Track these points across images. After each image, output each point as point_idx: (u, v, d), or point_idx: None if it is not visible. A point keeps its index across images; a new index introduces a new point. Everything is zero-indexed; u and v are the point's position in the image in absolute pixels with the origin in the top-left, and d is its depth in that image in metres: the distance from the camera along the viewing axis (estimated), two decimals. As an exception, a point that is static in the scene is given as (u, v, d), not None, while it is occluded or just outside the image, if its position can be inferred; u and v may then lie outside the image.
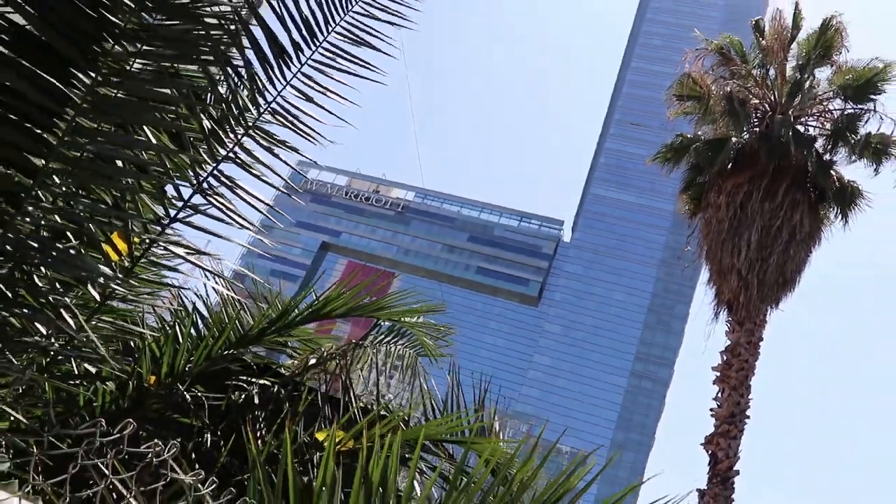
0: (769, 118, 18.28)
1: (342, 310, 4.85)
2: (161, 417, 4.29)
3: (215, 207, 3.67)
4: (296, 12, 3.80)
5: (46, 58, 2.77)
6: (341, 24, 3.98)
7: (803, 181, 18.27)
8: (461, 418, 4.65)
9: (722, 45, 19.21)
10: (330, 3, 3.92)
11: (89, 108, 2.86)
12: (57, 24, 2.75)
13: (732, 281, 18.20)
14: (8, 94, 2.74)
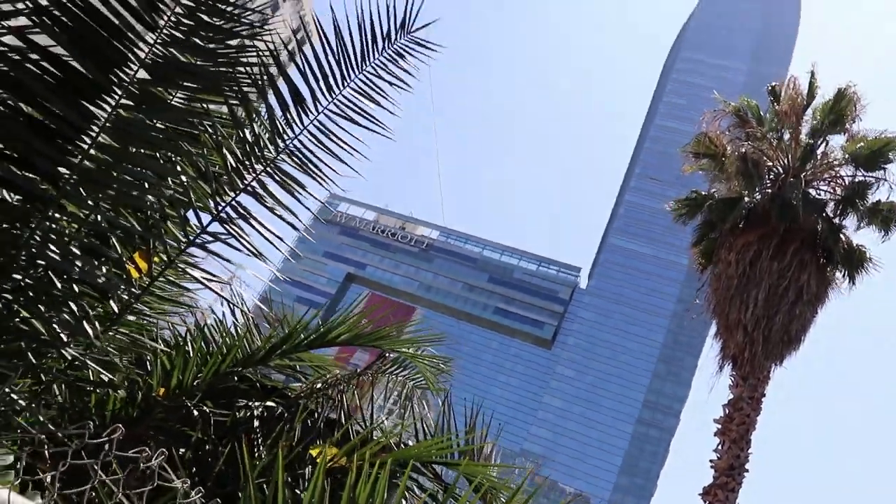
0: (782, 180, 18.27)
1: (346, 337, 4.90)
2: (167, 427, 4.33)
3: (232, 236, 3.77)
4: (317, 68, 3.96)
5: (75, 78, 2.89)
6: (366, 72, 4.15)
7: (812, 243, 18.17)
8: (449, 440, 4.65)
9: (739, 108, 19.30)
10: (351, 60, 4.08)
11: (111, 128, 2.98)
12: (83, 47, 2.88)
13: (738, 336, 18.07)
14: (38, 106, 2.86)
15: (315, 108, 4.06)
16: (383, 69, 4.17)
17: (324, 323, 5.00)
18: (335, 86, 4.06)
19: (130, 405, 4.11)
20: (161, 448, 3.96)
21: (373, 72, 4.16)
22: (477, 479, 3.89)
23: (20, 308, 3.38)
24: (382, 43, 4.04)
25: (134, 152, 3.31)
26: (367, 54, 4.07)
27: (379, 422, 4.93)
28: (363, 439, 4.13)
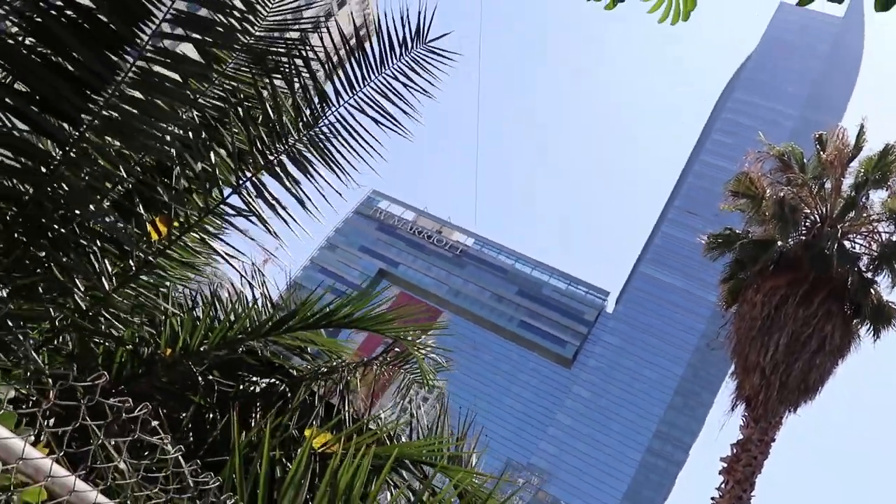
0: (817, 229, 17.92)
1: (351, 318, 4.87)
2: (169, 389, 4.35)
3: (251, 212, 3.79)
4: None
5: (102, 30, 2.92)
6: (385, 74, 4.24)
7: (841, 295, 17.78)
8: (438, 444, 4.61)
9: (783, 152, 18.98)
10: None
11: (133, 80, 3.01)
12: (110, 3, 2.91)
13: (755, 378, 17.77)
14: (67, 56, 2.89)
15: (337, 101, 4.11)
16: (401, 73, 4.27)
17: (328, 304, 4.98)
18: (355, 83, 4.12)
19: (136, 361, 4.13)
20: (161, 408, 3.98)
21: (391, 74, 4.25)
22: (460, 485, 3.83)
23: (44, 251, 3.42)
24: (400, 50, 4.15)
25: (155, 104, 3.34)
26: (386, 59, 4.17)
27: (376, 414, 4.90)
28: (358, 428, 4.11)
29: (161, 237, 3.79)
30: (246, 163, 3.89)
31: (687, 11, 5.41)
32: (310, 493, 3.21)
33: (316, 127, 4.10)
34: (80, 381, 2.13)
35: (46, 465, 2.15)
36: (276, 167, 3.96)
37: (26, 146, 3.08)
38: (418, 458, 4.30)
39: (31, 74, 2.90)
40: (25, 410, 2.29)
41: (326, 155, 4.14)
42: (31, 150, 3.12)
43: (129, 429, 2.35)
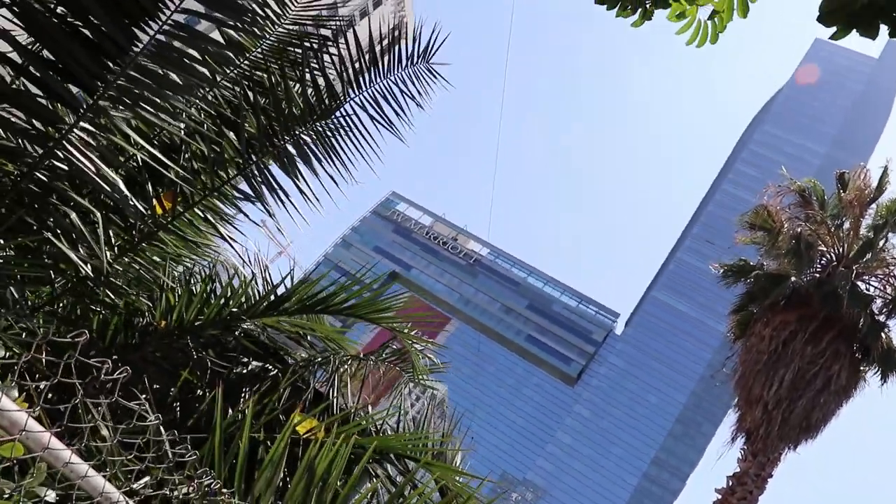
0: (832, 268, 17.77)
1: (347, 306, 4.88)
2: (160, 363, 4.37)
3: (256, 197, 3.83)
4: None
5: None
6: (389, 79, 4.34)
7: (851, 336, 17.62)
8: (423, 439, 4.60)
9: (804, 188, 18.85)
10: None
11: (151, 52, 3.04)
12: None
13: (757, 412, 17.65)
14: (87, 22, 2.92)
15: (344, 98, 4.18)
16: (402, 82, 4.40)
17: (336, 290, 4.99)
18: (363, 84, 4.22)
19: (130, 331, 4.15)
20: (151, 381, 4.00)
21: (394, 81, 4.38)
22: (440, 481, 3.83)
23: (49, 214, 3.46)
24: (406, 62, 4.27)
25: (171, 81, 3.37)
26: (393, 68, 4.29)
27: (363, 406, 4.90)
28: (345, 418, 4.11)
29: (165, 212, 3.82)
30: (254, 149, 3.92)
31: (715, 34, 5.40)
32: (290, 476, 3.21)
33: (323, 121, 4.14)
34: (61, 338, 2.14)
35: (22, 418, 2.16)
36: (282, 155, 3.99)
37: (40, 108, 3.12)
38: (400, 450, 4.29)
39: (48, 37, 2.93)
40: (4, 361, 2.31)
41: (331, 148, 4.19)
42: (44, 113, 3.16)
43: (107, 391, 2.37)
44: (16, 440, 2.09)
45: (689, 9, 5.37)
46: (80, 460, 2.34)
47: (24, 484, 2.48)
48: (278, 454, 2.93)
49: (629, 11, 5.33)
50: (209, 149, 3.79)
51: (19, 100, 3.02)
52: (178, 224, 4.08)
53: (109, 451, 2.51)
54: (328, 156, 4.30)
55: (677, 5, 5.36)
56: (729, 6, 5.25)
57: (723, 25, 5.36)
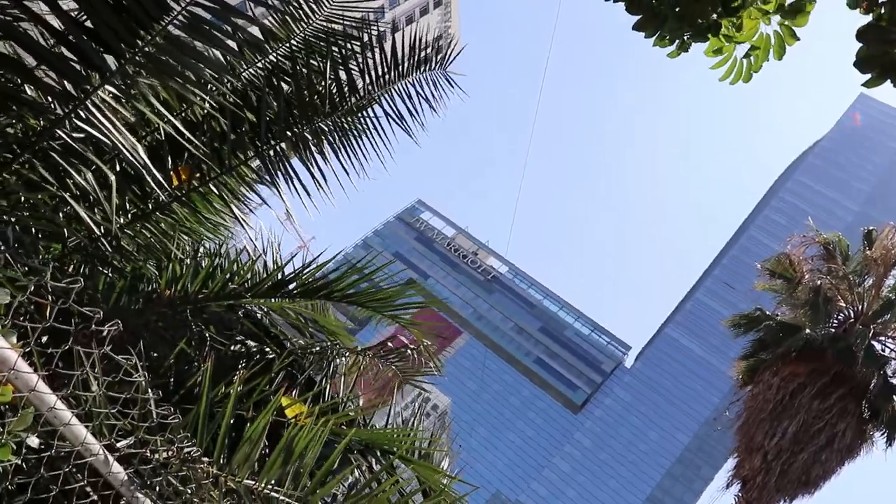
0: (849, 324, 17.61)
1: (351, 294, 4.93)
2: (160, 332, 4.44)
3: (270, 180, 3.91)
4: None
5: None
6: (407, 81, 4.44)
7: (861, 395, 17.45)
8: (407, 437, 4.63)
9: (829, 241, 18.74)
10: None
11: (182, 25, 3.12)
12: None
13: (756, 460, 17.51)
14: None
15: (364, 95, 4.26)
16: (420, 84, 4.49)
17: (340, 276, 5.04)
18: (385, 83, 4.29)
19: (134, 295, 4.23)
20: (150, 349, 4.07)
21: (412, 83, 4.47)
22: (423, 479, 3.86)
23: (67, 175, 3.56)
24: (423, 66, 4.35)
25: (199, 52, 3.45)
26: (412, 69, 4.38)
27: (352, 397, 4.95)
28: (333, 407, 4.16)
29: (181, 184, 3.91)
30: (273, 134, 4.01)
31: (749, 73, 5.41)
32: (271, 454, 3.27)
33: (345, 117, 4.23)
34: (56, 282, 2.21)
35: (12, 357, 2.23)
36: (300, 144, 4.07)
37: (67, 67, 3.20)
38: (385, 445, 4.33)
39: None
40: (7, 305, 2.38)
41: (348, 143, 4.28)
42: (71, 73, 3.24)
43: (97, 340, 2.43)
44: (5, 378, 2.16)
45: (727, 46, 5.38)
46: (64, 407, 2.41)
47: (9, 427, 2.55)
48: (259, 430, 2.99)
49: (667, 42, 5.36)
50: (230, 129, 3.88)
51: (48, 56, 3.11)
52: (192, 198, 4.17)
53: (95, 402, 2.58)
54: (346, 149, 4.38)
55: (715, 41, 5.38)
56: (766, 46, 5.26)
57: (758, 65, 5.37)
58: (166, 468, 3.02)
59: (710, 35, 5.31)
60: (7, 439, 2.47)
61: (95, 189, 3.61)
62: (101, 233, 3.82)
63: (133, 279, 4.26)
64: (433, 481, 4.24)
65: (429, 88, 4.70)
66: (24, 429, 2.52)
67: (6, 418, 2.54)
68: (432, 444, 5.17)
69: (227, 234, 4.91)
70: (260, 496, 3.04)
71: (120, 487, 2.89)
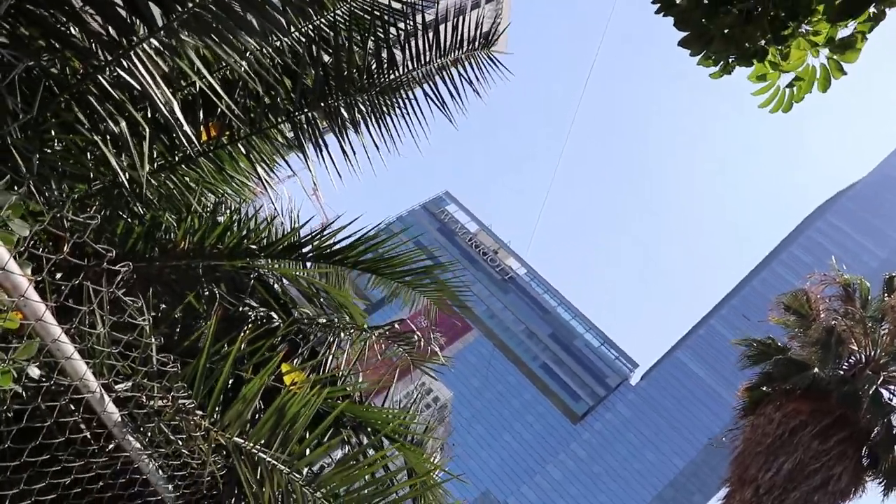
0: (859, 368, 17.40)
1: (367, 258, 4.94)
2: (173, 282, 4.50)
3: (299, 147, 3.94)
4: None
5: None
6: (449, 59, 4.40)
7: (862, 441, 17.26)
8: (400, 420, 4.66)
9: (850, 283, 18.51)
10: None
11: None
12: None
13: (747, 492, 17.39)
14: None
15: (402, 70, 4.25)
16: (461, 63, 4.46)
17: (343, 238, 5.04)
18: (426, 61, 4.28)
19: (150, 243, 4.29)
20: (160, 298, 4.13)
21: (453, 62, 4.44)
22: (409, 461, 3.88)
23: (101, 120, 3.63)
24: (468, 45, 4.33)
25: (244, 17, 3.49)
26: (454, 47, 4.35)
27: (353, 373, 4.98)
28: (332, 379, 4.20)
29: (210, 140, 3.96)
30: (307, 101, 4.05)
31: (790, 103, 5.36)
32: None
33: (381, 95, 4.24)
34: (74, 217, 2.26)
35: (24, 284, 2.29)
36: (333, 114, 4.10)
37: (116, 16, 3.26)
38: (372, 420, 4.37)
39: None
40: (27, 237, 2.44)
41: (381, 119, 4.29)
42: (119, 22, 3.30)
43: (107, 280, 2.48)
44: (14, 304, 2.22)
45: (771, 73, 5.32)
46: (68, 341, 2.46)
47: (13, 354, 2.61)
48: (254, 389, 3.04)
49: (711, 62, 5.32)
50: (265, 91, 3.92)
51: (99, 3, 3.16)
52: (219, 155, 4.22)
53: (98, 340, 2.63)
54: (379, 126, 4.40)
55: (760, 67, 5.32)
56: (811, 78, 5.20)
57: (800, 95, 5.32)
58: (160, 416, 3.08)
59: (755, 61, 5.26)
60: (9, 367, 2.53)
61: (127, 137, 3.67)
62: (127, 179, 3.88)
63: (151, 227, 4.32)
64: (420, 466, 4.27)
65: (471, 69, 4.67)
66: (27, 358, 2.57)
67: (11, 346, 2.60)
68: (428, 431, 5.20)
69: (250, 196, 4.97)
70: (248, 454, 3.09)
71: (112, 428, 2.94)
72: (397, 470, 3.98)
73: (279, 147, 4.30)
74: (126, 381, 2.98)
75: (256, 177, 4.36)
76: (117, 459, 2.99)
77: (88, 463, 2.90)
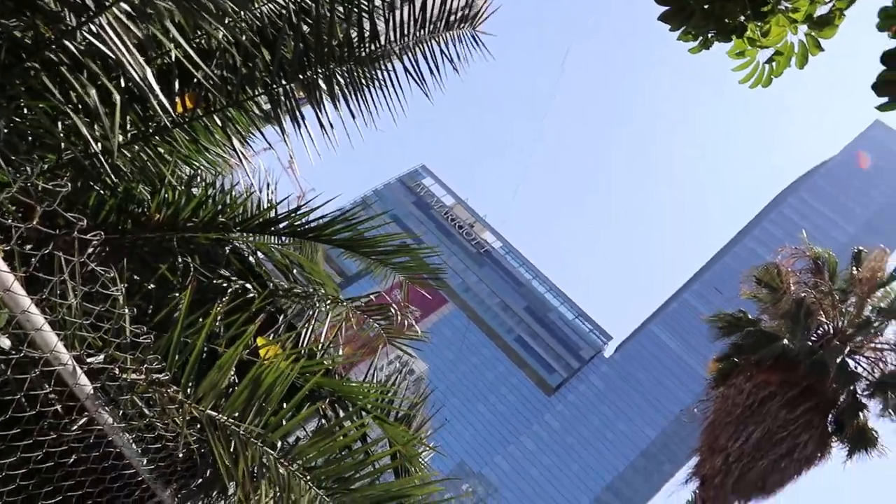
0: (826, 339, 17.77)
1: (342, 238, 4.91)
2: (147, 255, 4.44)
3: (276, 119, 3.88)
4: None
5: None
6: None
7: (828, 409, 17.73)
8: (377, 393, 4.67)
9: (819, 256, 18.83)
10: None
11: None
12: None
13: (717, 460, 17.80)
14: None
15: (385, 44, 4.18)
16: (443, 41, 4.39)
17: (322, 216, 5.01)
18: (406, 36, 4.20)
19: (123, 216, 4.21)
20: (133, 270, 4.07)
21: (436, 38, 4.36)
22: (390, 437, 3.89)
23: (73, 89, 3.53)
24: (453, 21, 4.28)
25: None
26: (437, 23, 4.28)
27: (330, 346, 4.97)
28: (310, 353, 4.18)
29: (185, 111, 3.88)
30: (286, 73, 3.98)
31: (769, 79, 5.37)
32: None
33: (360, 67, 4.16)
34: (44, 185, 2.20)
35: (-10, 255, 2.23)
36: (311, 87, 4.03)
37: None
38: (351, 395, 4.36)
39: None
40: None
41: (360, 92, 4.22)
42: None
43: (79, 250, 2.43)
44: (-19, 276, 2.16)
45: (750, 49, 5.33)
46: (38, 312, 2.41)
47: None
48: (228, 360, 3.01)
49: (690, 37, 5.31)
50: (242, 62, 3.84)
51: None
52: (194, 126, 4.14)
53: (70, 312, 2.58)
54: (357, 99, 4.33)
55: (739, 43, 5.32)
56: (789, 53, 5.21)
57: (779, 71, 5.33)
58: (133, 389, 3.04)
59: (734, 36, 5.26)
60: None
61: (97, 105, 3.57)
62: (99, 149, 3.79)
63: (124, 199, 4.24)
64: (398, 438, 4.27)
65: (453, 46, 4.60)
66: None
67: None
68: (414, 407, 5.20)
69: (226, 168, 4.89)
70: (221, 428, 3.07)
71: (85, 401, 2.91)
72: (375, 441, 3.99)
73: (255, 119, 4.23)
74: (98, 354, 2.94)
75: (232, 148, 4.29)
76: (90, 433, 2.96)
77: (61, 436, 2.86)
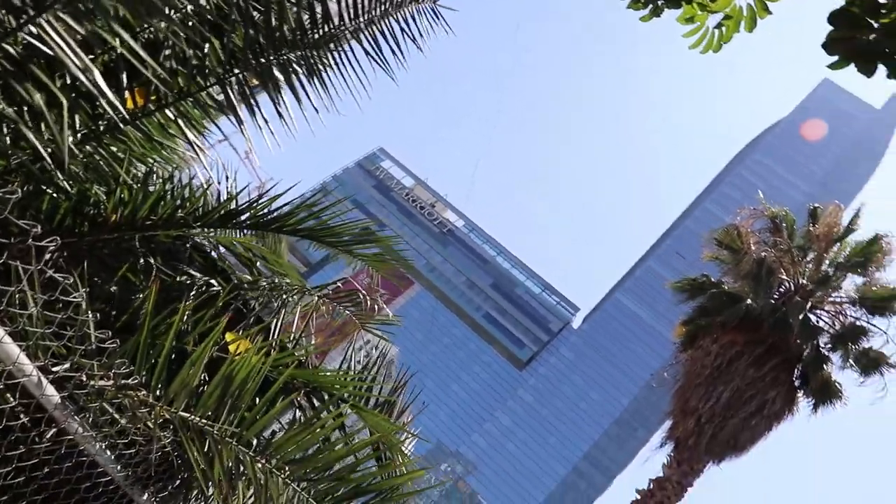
0: (788, 296, 18.12)
1: (305, 228, 4.86)
2: (107, 257, 4.34)
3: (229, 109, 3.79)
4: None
5: None
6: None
7: (793, 364, 18.12)
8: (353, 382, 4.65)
9: (777, 215, 19.15)
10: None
11: None
12: None
13: (689, 422, 18.08)
14: None
15: (338, 26, 4.10)
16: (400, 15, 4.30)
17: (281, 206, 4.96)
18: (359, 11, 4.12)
19: (79, 218, 4.11)
20: (93, 273, 3.98)
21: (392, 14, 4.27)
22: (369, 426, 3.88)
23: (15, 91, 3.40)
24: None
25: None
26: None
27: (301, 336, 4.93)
28: (281, 345, 4.15)
29: (136, 108, 3.78)
30: (237, 61, 3.89)
31: (719, 44, 5.42)
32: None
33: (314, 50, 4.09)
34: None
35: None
36: (265, 74, 3.95)
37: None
38: (327, 385, 4.34)
39: None
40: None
41: (317, 76, 4.14)
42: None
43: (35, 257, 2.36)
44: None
45: (700, 14, 5.36)
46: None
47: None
48: (198, 356, 2.97)
49: (640, 5, 5.33)
50: (192, 53, 3.74)
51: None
52: (147, 122, 4.04)
53: (31, 322, 2.51)
54: (314, 83, 4.25)
55: (689, 8, 5.36)
56: (738, 17, 5.25)
57: (728, 36, 5.37)
58: (102, 395, 2.98)
59: (683, 2, 5.29)
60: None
61: (44, 109, 3.46)
62: (48, 153, 3.68)
63: (79, 201, 4.13)
64: (379, 427, 4.26)
65: (413, 22, 4.51)
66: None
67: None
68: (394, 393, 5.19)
69: (182, 163, 4.79)
70: (194, 429, 3.03)
71: (53, 411, 2.84)
72: (354, 431, 3.98)
73: (210, 110, 4.13)
74: (64, 362, 2.88)
75: (187, 142, 4.19)
76: (61, 444, 2.90)
77: (31, 450, 2.80)
